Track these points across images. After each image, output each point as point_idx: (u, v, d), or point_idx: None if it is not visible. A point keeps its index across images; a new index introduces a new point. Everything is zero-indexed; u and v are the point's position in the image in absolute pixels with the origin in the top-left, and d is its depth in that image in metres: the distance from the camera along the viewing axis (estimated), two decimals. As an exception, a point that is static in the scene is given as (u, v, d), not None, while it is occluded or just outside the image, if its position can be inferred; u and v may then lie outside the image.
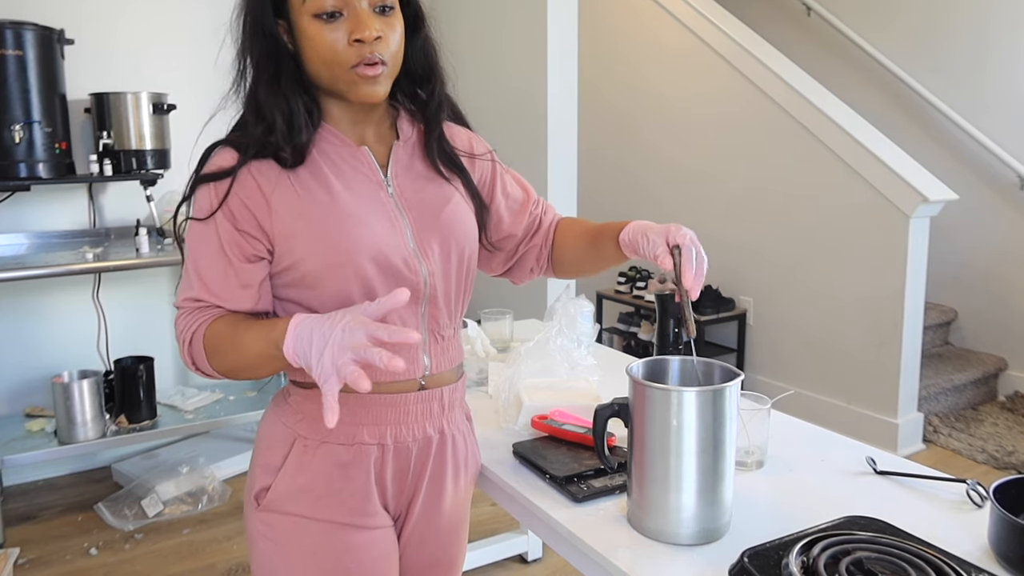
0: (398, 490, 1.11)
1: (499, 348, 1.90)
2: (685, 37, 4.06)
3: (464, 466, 1.20)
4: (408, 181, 1.10)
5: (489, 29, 3.55)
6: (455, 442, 1.17)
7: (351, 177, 1.06)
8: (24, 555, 2.55)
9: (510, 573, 2.48)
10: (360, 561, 1.07)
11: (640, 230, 1.10)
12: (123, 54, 3.07)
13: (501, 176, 1.24)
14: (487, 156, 1.22)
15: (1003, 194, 3.89)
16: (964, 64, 4.00)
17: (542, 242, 1.26)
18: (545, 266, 1.27)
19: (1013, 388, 3.94)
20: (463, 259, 1.12)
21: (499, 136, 3.45)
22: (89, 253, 2.76)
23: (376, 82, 1.01)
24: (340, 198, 1.03)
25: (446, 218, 1.10)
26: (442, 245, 1.09)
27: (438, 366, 1.12)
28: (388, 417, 1.07)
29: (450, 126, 1.21)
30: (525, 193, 1.26)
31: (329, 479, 1.05)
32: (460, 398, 1.19)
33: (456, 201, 1.13)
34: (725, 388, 1.02)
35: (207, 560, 2.52)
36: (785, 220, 3.71)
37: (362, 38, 0.98)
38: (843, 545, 0.94)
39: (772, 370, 3.85)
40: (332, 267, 1.01)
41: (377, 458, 1.07)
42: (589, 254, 1.21)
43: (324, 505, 1.05)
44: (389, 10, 1.02)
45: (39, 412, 2.97)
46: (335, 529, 1.05)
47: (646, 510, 1.07)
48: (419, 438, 1.10)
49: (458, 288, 1.13)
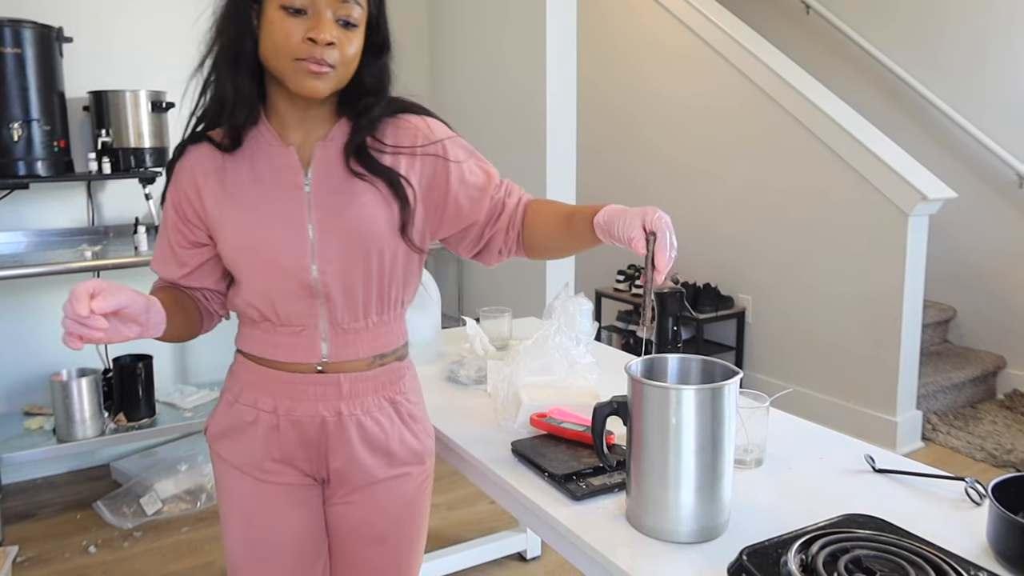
0: (307, 456, 1.22)
1: (498, 346, 1.90)
2: (684, 35, 4.06)
3: (386, 450, 1.23)
4: (325, 181, 1.15)
5: (489, 28, 3.55)
6: (362, 425, 1.21)
7: (270, 176, 1.15)
8: (23, 553, 2.55)
9: (509, 571, 2.48)
10: (254, 505, 1.24)
11: (616, 213, 1.09)
12: (122, 52, 3.07)
13: (457, 165, 1.21)
14: (436, 148, 1.20)
15: (1002, 192, 3.90)
16: (963, 62, 4.00)
17: (507, 225, 1.23)
18: (514, 248, 1.26)
19: (1012, 386, 3.94)
20: (369, 257, 1.15)
21: (498, 135, 3.48)
22: (88, 251, 2.76)
23: (319, 78, 1.08)
24: (248, 196, 1.14)
25: (351, 217, 1.13)
26: (344, 244, 1.13)
27: (339, 355, 1.19)
28: (282, 391, 1.19)
29: (404, 122, 1.20)
30: (487, 177, 1.24)
31: (238, 431, 1.22)
32: (376, 386, 1.22)
33: (365, 201, 1.14)
34: (724, 386, 1.03)
35: (206, 558, 2.52)
36: (784, 218, 3.71)
37: (316, 39, 1.06)
38: (842, 543, 0.95)
39: (771, 368, 3.85)
40: (237, 259, 1.15)
41: (275, 424, 1.20)
42: (562, 237, 1.20)
43: (234, 452, 1.23)
44: (352, 27, 1.09)
45: (38, 410, 2.97)
46: (240, 474, 1.23)
47: (645, 508, 1.08)
48: (312, 415, 1.19)
49: (366, 285, 1.16)
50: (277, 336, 1.18)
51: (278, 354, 1.19)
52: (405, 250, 1.19)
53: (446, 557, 2.38)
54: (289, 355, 1.18)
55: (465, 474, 1.49)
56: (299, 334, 1.17)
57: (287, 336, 1.18)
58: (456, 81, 3.83)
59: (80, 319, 0.96)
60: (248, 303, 1.18)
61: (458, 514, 2.78)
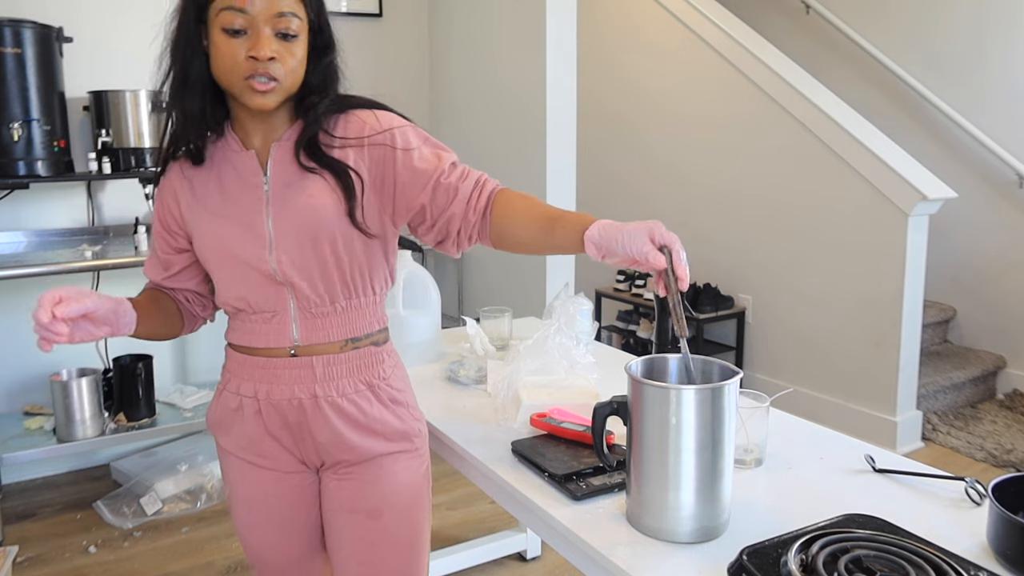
0: (294, 440, 1.28)
1: (498, 346, 1.90)
2: (683, 35, 4.06)
3: (368, 429, 1.27)
4: (281, 177, 1.22)
5: (488, 31, 3.55)
6: (339, 407, 1.25)
7: (232, 180, 1.23)
8: (23, 553, 2.55)
9: (509, 571, 2.48)
10: (253, 490, 1.32)
11: (612, 229, 1.09)
12: (122, 52, 3.06)
13: (405, 152, 1.23)
14: (383, 137, 1.23)
15: (1002, 192, 3.90)
16: (963, 61, 4.00)
17: (463, 211, 1.23)
18: (476, 236, 1.26)
19: (1012, 386, 3.94)
20: (320, 243, 1.20)
21: (498, 139, 3.48)
22: (88, 251, 2.76)
23: (265, 96, 1.15)
24: (215, 201, 1.23)
25: (301, 208, 1.20)
26: (296, 233, 1.20)
27: (309, 339, 1.25)
28: (260, 376, 1.26)
29: (353, 116, 1.25)
30: (437, 162, 1.25)
31: (228, 419, 1.30)
32: (351, 369, 1.27)
33: (313, 191, 1.20)
34: (724, 386, 1.03)
35: (206, 558, 2.52)
36: (784, 218, 3.71)
37: (256, 56, 1.12)
38: (842, 543, 0.95)
39: (771, 368, 3.85)
40: (208, 258, 1.24)
41: (257, 409, 1.27)
42: (539, 239, 1.20)
43: (228, 439, 1.31)
44: (292, 37, 1.15)
45: (38, 410, 2.97)
46: (237, 460, 1.31)
47: (645, 508, 1.08)
48: (288, 398, 1.25)
49: (323, 271, 1.22)
50: (252, 324, 1.26)
51: (254, 340, 1.26)
52: (360, 236, 1.23)
53: (446, 557, 2.38)
54: (263, 340, 1.25)
55: (465, 474, 1.50)
56: (271, 320, 1.25)
57: (260, 323, 1.25)
58: (455, 85, 3.83)
59: (43, 325, 1.08)
60: (225, 299, 1.27)
61: (458, 514, 2.78)
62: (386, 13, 3.90)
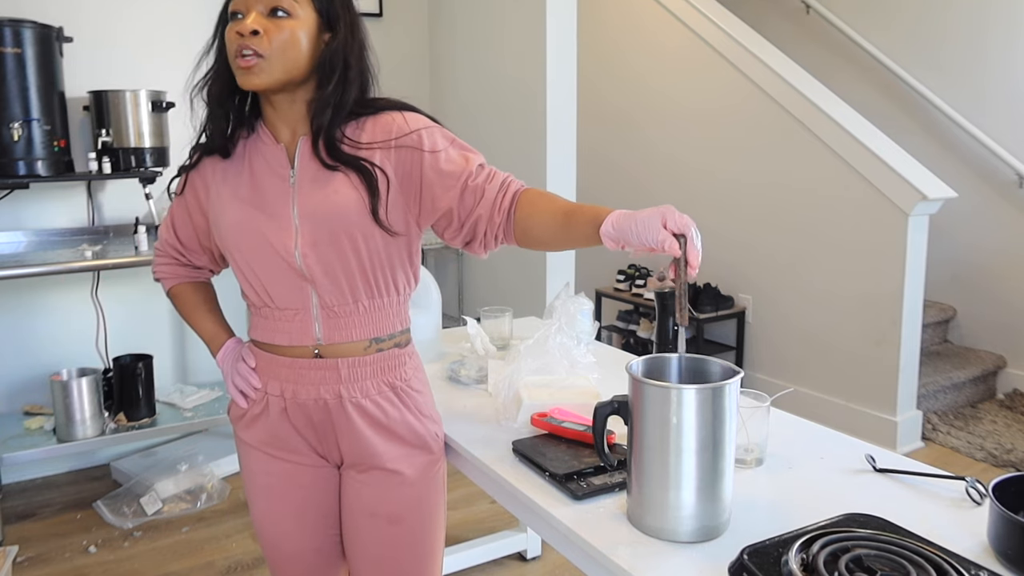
0: (318, 438, 1.31)
1: (498, 346, 1.90)
2: (684, 35, 4.06)
3: (391, 432, 1.29)
4: (307, 173, 1.23)
5: (489, 28, 3.55)
6: (363, 408, 1.27)
7: (263, 171, 1.25)
8: (23, 553, 2.55)
9: (509, 571, 2.48)
10: (273, 482, 1.34)
11: (626, 220, 1.08)
12: (122, 52, 3.07)
13: (432, 154, 1.23)
14: (411, 139, 1.23)
15: (1002, 192, 3.90)
16: (963, 62, 4.00)
17: (489, 212, 1.23)
18: (502, 237, 1.26)
19: (1012, 386, 3.94)
20: (341, 240, 1.21)
21: (499, 135, 3.48)
22: (88, 251, 2.76)
23: (250, 72, 1.16)
24: (244, 188, 1.25)
25: (324, 202, 1.21)
26: (318, 228, 1.21)
27: (331, 338, 1.26)
28: (286, 376, 1.28)
29: (384, 117, 1.25)
30: (464, 164, 1.25)
31: (253, 414, 1.33)
32: (375, 371, 1.28)
33: (338, 188, 1.21)
34: (724, 386, 1.03)
35: (206, 558, 2.52)
36: (784, 218, 3.71)
37: (240, 31, 1.15)
38: (842, 542, 0.95)
39: (771, 368, 3.85)
40: (236, 240, 1.25)
41: (283, 408, 1.29)
42: (559, 234, 1.20)
43: (250, 432, 1.34)
44: (283, 14, 1.16)
45: (38, 410, 2.97)
46: (258, 452, 1.34)
47: (646, 507, 1.08)
48: (315, 398, 1.27)
49: (346, 269, 1.23)
50: (276, 322, 1.27)
51: (277, 338, 1.28)
52: (383, 235, 1.23)
53: (446, 557, 2.34)
54: (287, 339, 1.27)
55: (465, 473, 1.50)
56: (294, 318, 1.26)
57: (284, 321, 1.27)
58: (456, 81, 3.83)
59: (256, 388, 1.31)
60: (245, 288, 1.29)
61: (458, 514, 2.78)
62: (386, 13, 3.90)
